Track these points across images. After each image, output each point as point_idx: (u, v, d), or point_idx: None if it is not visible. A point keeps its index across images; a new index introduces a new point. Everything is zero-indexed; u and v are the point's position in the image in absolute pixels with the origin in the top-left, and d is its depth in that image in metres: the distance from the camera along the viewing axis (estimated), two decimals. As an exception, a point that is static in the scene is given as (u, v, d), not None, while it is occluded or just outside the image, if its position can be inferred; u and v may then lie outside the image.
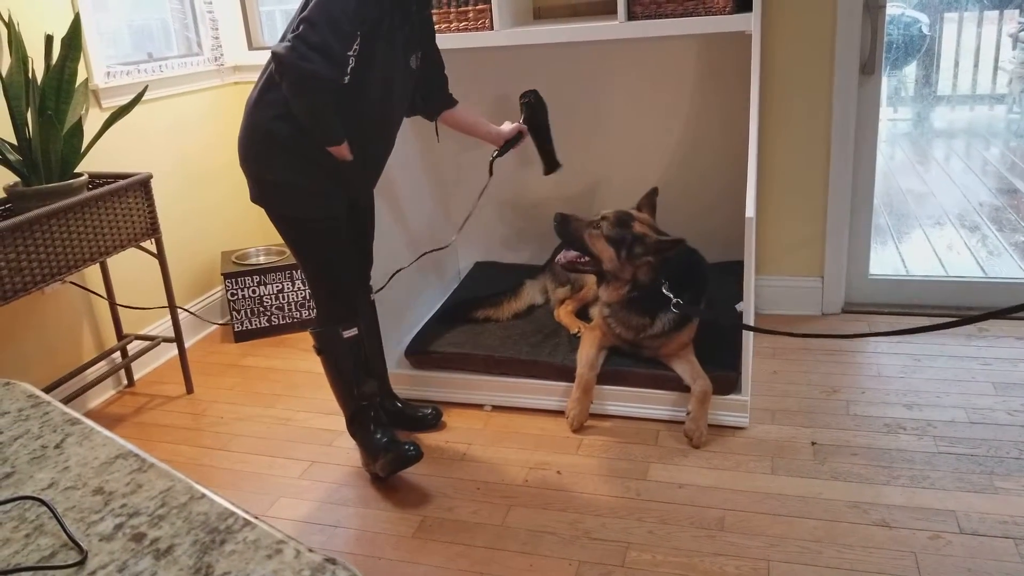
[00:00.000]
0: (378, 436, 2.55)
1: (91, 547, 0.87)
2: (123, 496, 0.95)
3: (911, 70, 5.07)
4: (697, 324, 2.81)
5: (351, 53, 2.16)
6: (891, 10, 3.21)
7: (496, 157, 2.80)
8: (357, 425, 2.58)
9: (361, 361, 2.56)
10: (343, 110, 2.25)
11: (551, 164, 2.81)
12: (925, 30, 4.76)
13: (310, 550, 0.82)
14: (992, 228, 4.44)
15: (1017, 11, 4.85)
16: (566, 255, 2.77)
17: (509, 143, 2.77)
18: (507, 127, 2.76)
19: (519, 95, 2.77)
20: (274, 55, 2.14)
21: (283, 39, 2.15)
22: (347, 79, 2.19)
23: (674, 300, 2.65)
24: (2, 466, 1.04)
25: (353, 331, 2.50)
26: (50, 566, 0.84)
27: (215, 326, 3.82)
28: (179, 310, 3.22)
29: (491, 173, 2.82)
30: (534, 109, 2.75)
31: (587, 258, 2.72)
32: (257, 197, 2.40)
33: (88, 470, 1.01)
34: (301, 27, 2.10)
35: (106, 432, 1.09)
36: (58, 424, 1.12)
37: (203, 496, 0.93)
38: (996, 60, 5.07)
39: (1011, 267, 3.98)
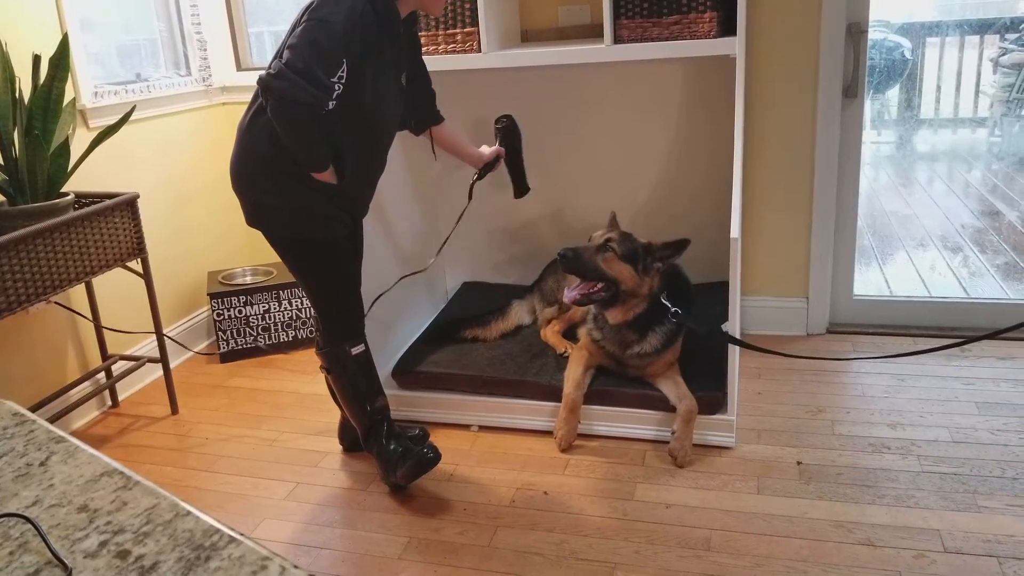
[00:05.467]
0: (393, 447, 2.56)
1: (76, 564, 0.86)
2: (108, 513, 0.95)
3: (894, 94, 5.12)
4: (681, 344, 2.83)
5: (336, 79, 2.17)
6: (873, 35, 3.25)
7: (476, 180, 2.85)
8: (372, 439, 2.59)
9: (373, 377, 2.58)
10: (337, 133, 2.27)
11: (522, 188, 2.87)
12: (907, 54, 4.82)
13: (295, 567, 0.82)
14: (974, 249, 4.49)
15: (998, 36, 4.92)
16: (577, 290, 2.67)
17: (488, 166, 2.81)
18: (487, 150, 2.80)
19: (494, 120, 2.80)
20: (259, 81, 2.16)
21: (270, 65, 2.17)
22: (333, 104, 2.20)
23: (672, 310, 2.66)
24: (-14, 484, 1.04)
25: (360, 347, 2.53)
26: (34, 583, 0.84)
27: (201, 346, 3.80)
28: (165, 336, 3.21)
29: (470, 197, 2.87)
30: (509, 133, 2.79)
31: (600, 286, 2.67)
32: (255, 221, 2.41)
33: (73, 488, 1.01)
34: (286, 53, 2.12)
35: (91, 450, 1.09)
36: (43, 442, 1.12)
37: (188, 513, 0.93)
38: (978, 84, 5.13)
39: (993, 288, 4.02)
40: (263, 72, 2.15)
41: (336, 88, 2.18)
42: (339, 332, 2.52)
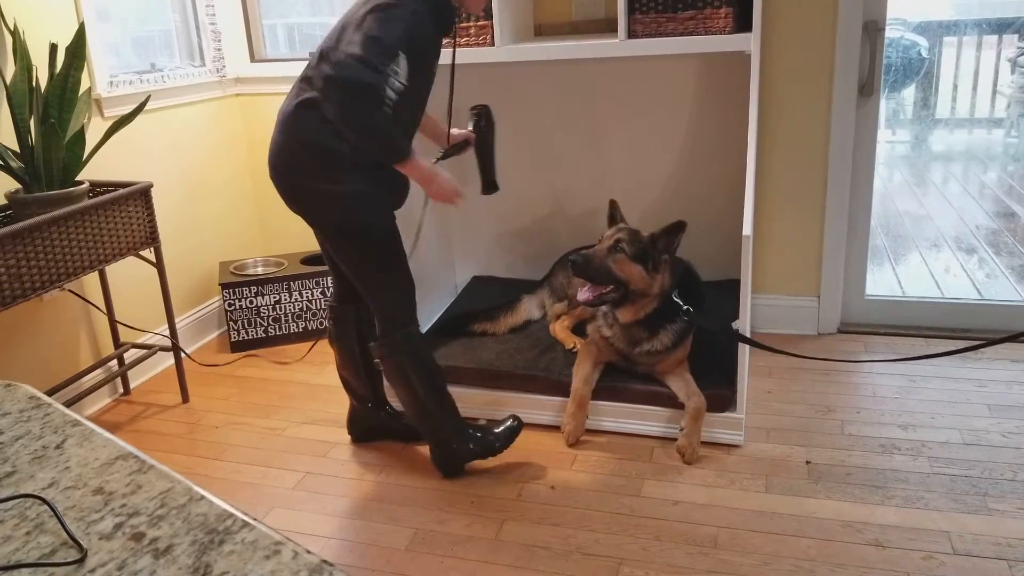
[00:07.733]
0: (471, 432, 2.65)
1: (91, 545, 0.87)
2: (123, 496, 0.96)
3: (909, 93, 5.10)
4: (691, 341, 2.82)
5: (396, 77, 2.17)
6: (890, 33, 3.23)
7: (439, 160, 2.74)
8: (450, 430, 2.62)
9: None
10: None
11: (489, 183, 2.74)
12: (924, 53, 4.79)
13: (308, 551, 0.83)
14: (989, 251, 4.46)
15: (1016, 36, 4.89)
16: (588, 292, 2.68)
17: (453, 148, 2.72)
18: (456, 132, 2.73)
19: (470, 107, 2.74)
20: (325, 77, 2.14)
21: (324, 58, 2.17)
22: (395, 99, 2.19)
23: (684, 307, 2.66)
24: (3, 465, 1.04)
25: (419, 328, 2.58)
26: (50, 563, 0.85)
27: (212, 336, 3.82)
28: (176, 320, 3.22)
29: None
30: (481, 123, 2.70)
31: (610, 287, 2.66)
32: (312, 211, 2.41)
33: (88, 470, 1.01)
34: (358, 48, 2.10)
35: (106, 434, 1.10)
36: (59, 425, 1.13)
37: (202, 497, 0.94)
38: (995, 84, 5.10)
39: (1007, 290, 4.00)
40: (326, 68, 2.13)
41: (397, 84, 2.18)
42: (404, 315, 2.53)
